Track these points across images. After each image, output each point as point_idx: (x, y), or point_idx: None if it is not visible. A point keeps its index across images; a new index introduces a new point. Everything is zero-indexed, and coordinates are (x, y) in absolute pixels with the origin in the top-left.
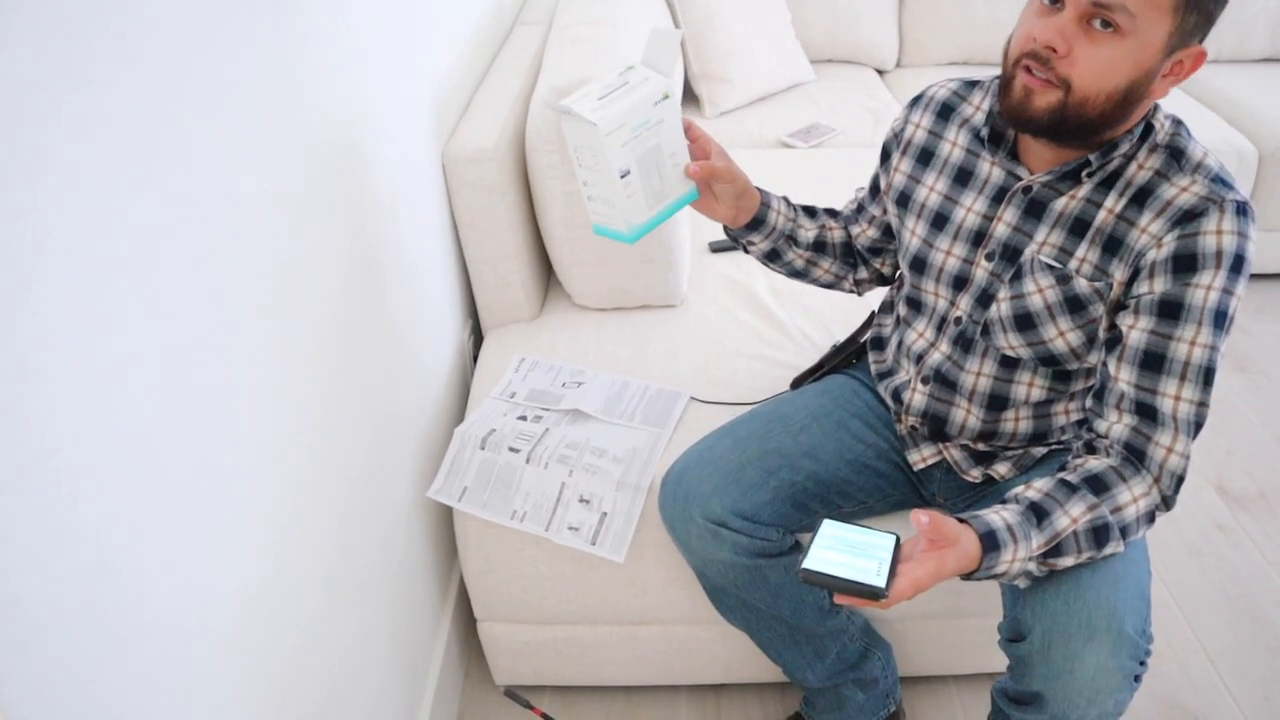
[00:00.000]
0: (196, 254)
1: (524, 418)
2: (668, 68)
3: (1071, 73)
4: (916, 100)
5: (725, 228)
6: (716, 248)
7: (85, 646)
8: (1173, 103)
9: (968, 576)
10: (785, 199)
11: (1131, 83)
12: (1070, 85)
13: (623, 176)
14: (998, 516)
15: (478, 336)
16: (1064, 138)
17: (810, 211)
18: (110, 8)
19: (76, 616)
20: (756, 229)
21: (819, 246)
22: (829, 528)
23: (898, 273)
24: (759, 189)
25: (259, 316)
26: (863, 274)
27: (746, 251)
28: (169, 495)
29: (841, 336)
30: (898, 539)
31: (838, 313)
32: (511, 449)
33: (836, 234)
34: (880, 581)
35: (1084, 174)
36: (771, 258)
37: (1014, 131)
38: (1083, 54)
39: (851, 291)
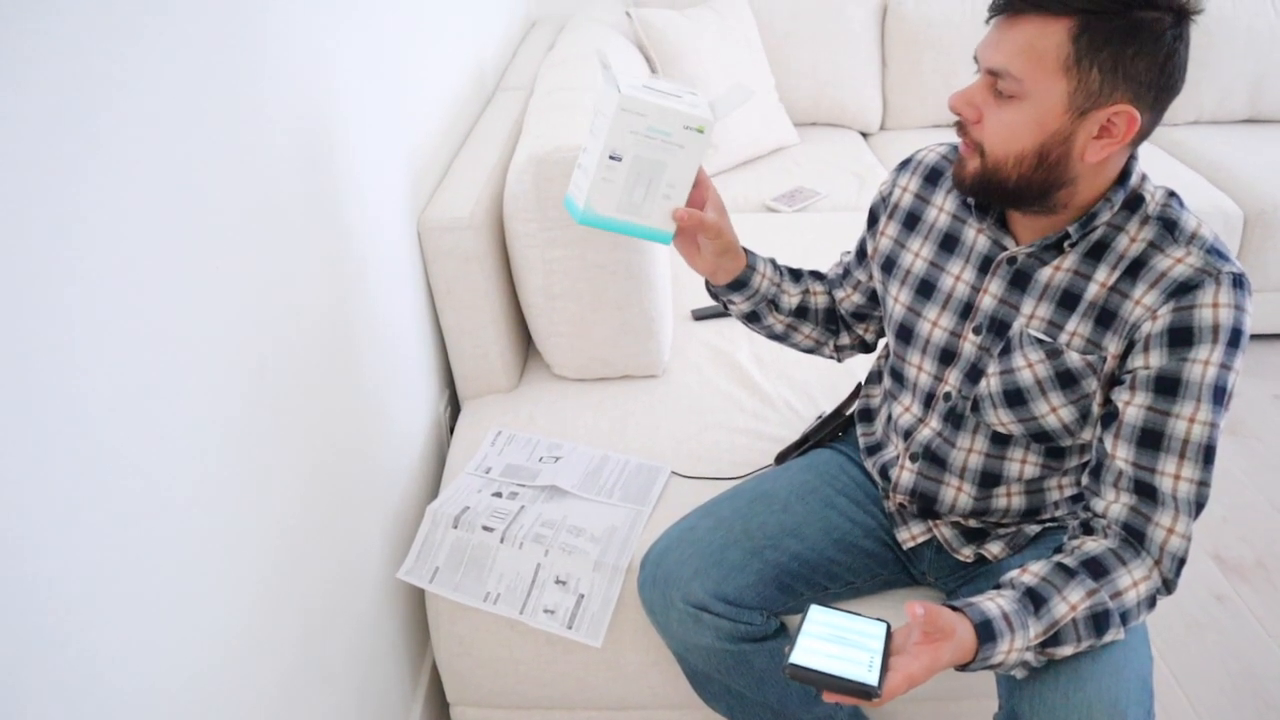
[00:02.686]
0: (159, 327)
1: (499, 494)
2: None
3: (983, 138)
4: (905, 164)
5: (706, 282)
6: (699, 315)
7: None
8: (1157, 165)
9: (963, 668)
10: (772, 262)
11: (1041, 145)
12: (983, 150)
13: (610, 158)
14: (993, 604)
15: (454, 407)
16: (1009, 204)
17: (796, 275)
18: (87, 98)
19: (28, 688)
20: (738, 290)
21: (801, 312)
22: (816, 614)
23: (881, 341)
24: (747, 250)
25: (224, 385)
26: (844, 340)
27: (725, 309)
28: (121, 574)
29: (827, 408)
30: (889, 627)
31: (823, 383)
32: (485, 528)
33: (820, 299)
34: (873, 678)
35: (1065, 244)
36: (751, 319)
37: None
38: (990, 119)
39: (831, 357)
